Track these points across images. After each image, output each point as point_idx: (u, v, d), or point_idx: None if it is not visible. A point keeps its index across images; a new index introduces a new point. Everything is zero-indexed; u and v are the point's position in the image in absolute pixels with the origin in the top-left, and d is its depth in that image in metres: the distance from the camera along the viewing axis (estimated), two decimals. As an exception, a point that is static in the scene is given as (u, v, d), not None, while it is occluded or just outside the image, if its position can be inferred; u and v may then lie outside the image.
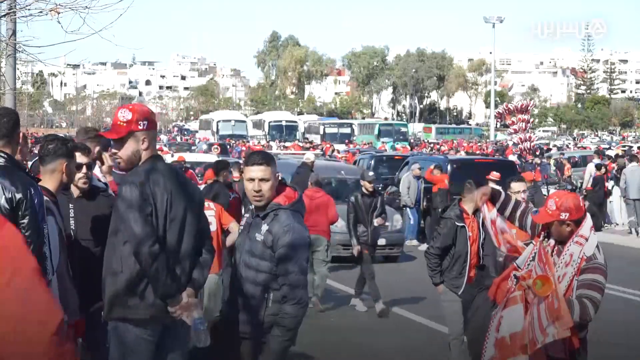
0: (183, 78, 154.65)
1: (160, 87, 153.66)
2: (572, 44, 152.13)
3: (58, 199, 5.11)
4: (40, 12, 8.22)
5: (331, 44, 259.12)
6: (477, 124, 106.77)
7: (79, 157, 5.41)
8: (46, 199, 4.75)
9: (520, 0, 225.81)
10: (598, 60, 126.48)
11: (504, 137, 64.62)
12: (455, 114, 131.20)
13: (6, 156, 4.58)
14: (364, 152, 33.64)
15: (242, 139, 55.20)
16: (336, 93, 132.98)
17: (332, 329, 10.69)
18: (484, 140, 64.56)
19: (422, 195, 19.87)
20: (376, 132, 61.89)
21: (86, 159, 5.57)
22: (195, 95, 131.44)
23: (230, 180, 11.78)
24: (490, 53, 79.50)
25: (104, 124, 75.19)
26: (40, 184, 4.82)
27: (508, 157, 29.25)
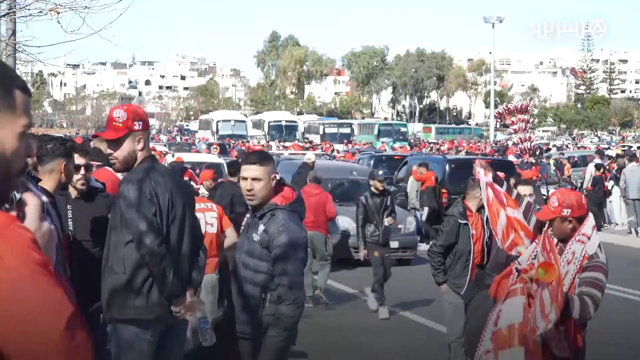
0: (183, 78, 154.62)
1: (160, 87, 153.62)
2: (572, 44, 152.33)
3: (56, 200, 5.09)
4: (40, 12, 8.21)
5: (331, 44, 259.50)
6: (476, 124, 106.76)
7: (77, 159, 5.40)
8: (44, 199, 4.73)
9: (520, 0, 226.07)
10: (598, 60, 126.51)
11: (504, 137, 64.61)
12: (455, 114, 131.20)
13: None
14: (364, 152, 33.67)
15: (241, 139, 55.17)
16: (336, 93, 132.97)
17: (332, 329, 10.67)
18: (484, 140, 64.56)
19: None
20: (376, 132, 61.83)
21: (84, 160, 5.56)
22: (195, 95, 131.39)
23: None
24: (490, 53, 79.50)
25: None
26: (39, 184, 4.81)
27: (508, 157, 29.22)
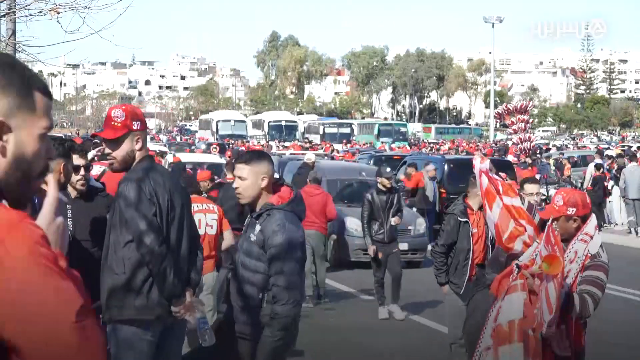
0: (183, 78, 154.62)
1: (160, 87, 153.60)
2: (572, 44, 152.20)
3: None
4: (40, 12, 8.19)
5: (331, 44, 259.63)
6: (476, 124, 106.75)
7: (77, 159, 5.40)
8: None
9: (520, 0, 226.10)
10: (597, 60, 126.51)
11: (504, 137, 64.59)
12: (454, 113, 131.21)
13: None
14: (363, 152, 33.70)
15: (241, 139, 55.17)
16: (336, 93, 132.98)
17: (332, 329, 10.66)
18: (484, 140, 64.55)
19: (439, 197, 19.62)
20: (376, 132, 61.81)
21: (83, 161, 5.56)
22: (195, 95, 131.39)
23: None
24: (490, 53, 79.39)
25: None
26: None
27: (508, 157, 29.24)
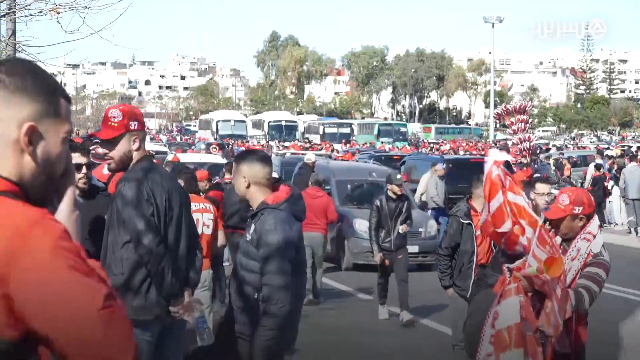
0: (183, 78, 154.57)
1: (160, 87, 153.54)
2: (572, 44, 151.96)
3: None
4: (40, 12, 8.20)
5: (331, 44, 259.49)
6: (476, 124, 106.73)
7: (79, 158, 5.40)
8: None
9: (520, 0, 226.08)
10: (597, 60, 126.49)
11: (504, 137, 64.60)
12: (454, 113, 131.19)
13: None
14: (363, 152, 33.72)
15: (241, 139, 55.18)
16: (336, 93, 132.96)
17: (332, 329, 10.66)
18: (484, 140, 64.56)
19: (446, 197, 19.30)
20: (376, 132, 61.83)
21: (85, 159, 5.57)
22: (195, 95, 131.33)
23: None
24: (490, 53, 79.48)
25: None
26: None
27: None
